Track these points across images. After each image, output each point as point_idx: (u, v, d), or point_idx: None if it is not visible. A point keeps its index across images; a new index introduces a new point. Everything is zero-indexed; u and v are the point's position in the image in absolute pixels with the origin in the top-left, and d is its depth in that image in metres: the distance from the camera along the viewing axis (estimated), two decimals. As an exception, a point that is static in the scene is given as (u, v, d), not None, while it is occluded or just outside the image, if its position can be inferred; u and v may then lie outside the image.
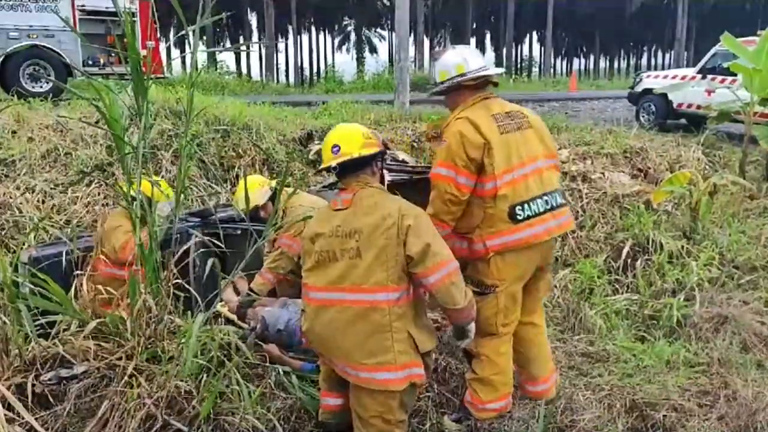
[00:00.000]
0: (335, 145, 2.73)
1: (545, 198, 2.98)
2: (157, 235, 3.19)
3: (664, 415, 3.17)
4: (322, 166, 2.82)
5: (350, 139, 2.74)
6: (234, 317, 3.94)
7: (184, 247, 3.47)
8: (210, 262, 3.20)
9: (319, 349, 2.78)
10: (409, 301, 2.60)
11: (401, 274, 2.53)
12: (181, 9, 3.10)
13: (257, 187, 4.13)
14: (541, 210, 2.95)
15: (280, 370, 3.27)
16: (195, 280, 3.74)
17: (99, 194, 6.07)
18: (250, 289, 4.06)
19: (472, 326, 2.74)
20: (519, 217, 2.89)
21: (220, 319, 3.86)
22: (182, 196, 3.55)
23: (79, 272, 3.48)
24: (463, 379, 3.35)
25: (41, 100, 8.26)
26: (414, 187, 4.82)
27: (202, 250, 3.65)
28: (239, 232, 4.10)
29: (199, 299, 3.21)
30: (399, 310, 2.54)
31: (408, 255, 2.50)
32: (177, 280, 3.28)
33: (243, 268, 3.33)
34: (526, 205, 2.91)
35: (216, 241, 3.43)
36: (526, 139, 3.01)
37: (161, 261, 3.19)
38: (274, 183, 4.24)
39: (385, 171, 4.83)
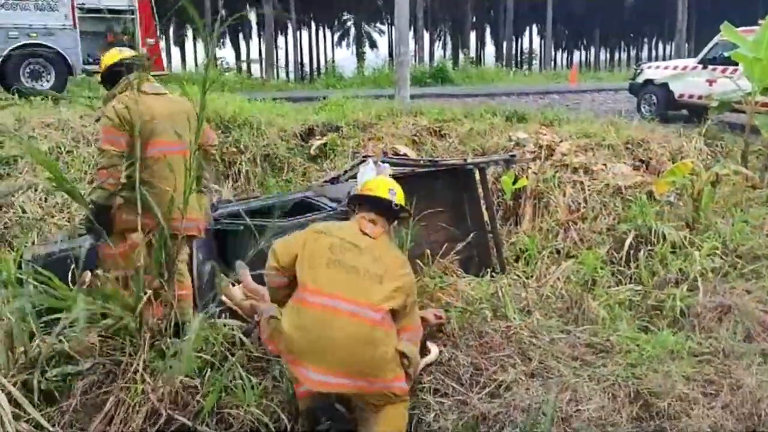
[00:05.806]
0: (392, 189, 3.26)
1: None
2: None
3: (669, 404, 3.17)
4: (373, 194, 3.21)
5: (401, 192, 3.31)
6: (238, 309, 3.94)
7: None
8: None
9: (305, 351, 2.75)
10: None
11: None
12: (187, 6, 3.11)
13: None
14: None
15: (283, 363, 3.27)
16: (198, 277, 3.75)
17: (101, 192, 6.07)
18: None
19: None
20: None
21: (224, 313, 3.87)
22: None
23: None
24: (466, 370, 3.37)
25: (42, 99, 8.27)
26: (415, 180, 4.83)
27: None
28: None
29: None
30: (392, 332, 2.89)
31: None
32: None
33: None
34: None
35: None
36: None
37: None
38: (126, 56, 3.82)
39: (386, 164, 4.85)
